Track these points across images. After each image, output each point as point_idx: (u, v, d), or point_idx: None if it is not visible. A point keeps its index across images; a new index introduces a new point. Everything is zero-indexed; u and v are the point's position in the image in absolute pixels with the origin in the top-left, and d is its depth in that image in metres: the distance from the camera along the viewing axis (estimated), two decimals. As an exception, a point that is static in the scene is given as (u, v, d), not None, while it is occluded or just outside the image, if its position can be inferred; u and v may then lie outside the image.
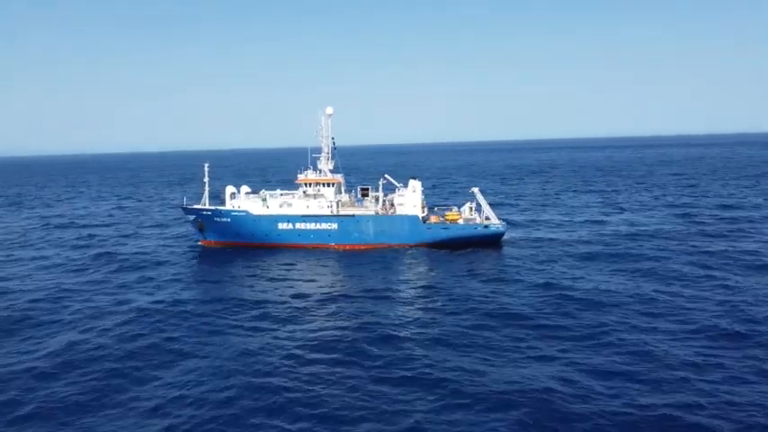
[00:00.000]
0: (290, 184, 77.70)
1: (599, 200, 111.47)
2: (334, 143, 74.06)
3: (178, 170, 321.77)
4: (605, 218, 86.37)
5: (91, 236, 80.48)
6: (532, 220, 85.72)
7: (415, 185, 69.56)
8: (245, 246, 70.93)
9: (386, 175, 74.03)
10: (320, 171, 72.95)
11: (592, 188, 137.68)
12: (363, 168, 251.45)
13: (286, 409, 27.53)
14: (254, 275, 55.67)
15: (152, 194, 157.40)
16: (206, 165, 76.59)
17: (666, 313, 40.11)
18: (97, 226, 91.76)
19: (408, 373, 31.12)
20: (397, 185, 71.17)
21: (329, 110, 73.20)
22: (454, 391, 28.85)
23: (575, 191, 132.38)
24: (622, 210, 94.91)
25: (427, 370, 31.45)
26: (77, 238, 78.66)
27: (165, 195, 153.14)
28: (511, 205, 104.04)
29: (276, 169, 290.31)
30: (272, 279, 54.11)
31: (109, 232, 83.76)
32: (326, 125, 73.14)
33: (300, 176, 73.07)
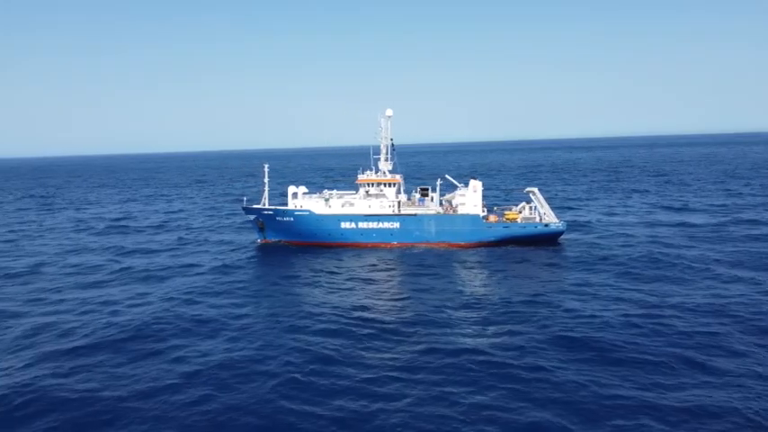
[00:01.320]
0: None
1: (638, 199, 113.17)
2: (393, 144, 75.21)
3: (175, 172, 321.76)
4: (651, 217, 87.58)
5: (148, 241, 79.96)
6: (577, 219, 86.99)
7: (476, 185, 70.87)
8: (307, 245, 71.90)
9: (446, 176, 75.33)
10: (381, 171, 74.15)
11: (623, 187, 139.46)
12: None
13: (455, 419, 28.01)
14: (339, 275, 56.17)
15: (179, 194, 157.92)
16: (265, 166, 77.63)
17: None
18: (147, 228, 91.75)
19: (545, 376, 31.58)
20: (458, 185, 72.54)
21: (389, 112, 74.14)
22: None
23: (607, 190, 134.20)
24: (667, 208, 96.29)
25: (570, 379, 31.77)
26: (137, 243, 77.90)
27: (193, 195, 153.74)
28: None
29: (290, 170, 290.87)
30: (362, 280, 54.54)
31: (162, 236, 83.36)
32: (386, 127, 74.16)
33: (361, 177, 74.13)
